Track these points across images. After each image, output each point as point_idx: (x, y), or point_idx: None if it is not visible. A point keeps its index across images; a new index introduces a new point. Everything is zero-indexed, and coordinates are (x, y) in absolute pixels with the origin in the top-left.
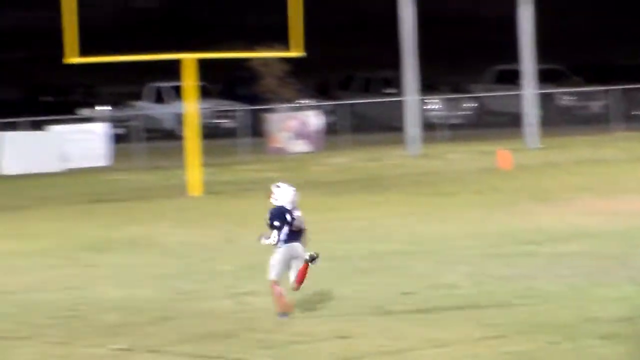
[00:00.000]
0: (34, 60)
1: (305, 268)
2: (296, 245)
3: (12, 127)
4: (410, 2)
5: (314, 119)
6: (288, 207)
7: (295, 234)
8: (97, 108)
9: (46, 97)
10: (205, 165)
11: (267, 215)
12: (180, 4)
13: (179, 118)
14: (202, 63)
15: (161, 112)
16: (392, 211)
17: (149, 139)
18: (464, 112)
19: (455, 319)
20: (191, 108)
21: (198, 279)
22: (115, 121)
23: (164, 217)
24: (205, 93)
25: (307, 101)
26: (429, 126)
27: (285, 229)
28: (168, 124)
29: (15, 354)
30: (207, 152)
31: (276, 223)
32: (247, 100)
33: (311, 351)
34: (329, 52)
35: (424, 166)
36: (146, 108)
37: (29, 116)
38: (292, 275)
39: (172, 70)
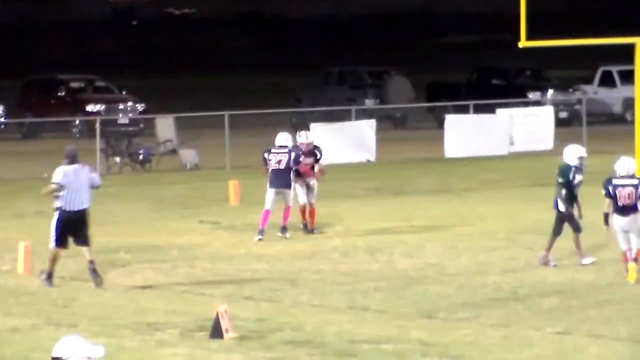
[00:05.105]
0: (485, 44)
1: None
2: None
3: (461, 109)
4: None
5: None
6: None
7: None
8: (548, 92)
9: (495, 81)
10: None
11: None
12: None
13: (627, 102)
14: None
15: (609, 95)
16: None
17: (593, 123)
18: None
19: None
20: None
21: None
22: (562, 105)
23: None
24: None
25: None
26: None
27: None
28: (616, 108)
29: (454, 334)
30: None
31: None
32: None
33: None
34: None
35: None
36: (594, 92)
37: (476, 99)
38: None
39: (623, 53)
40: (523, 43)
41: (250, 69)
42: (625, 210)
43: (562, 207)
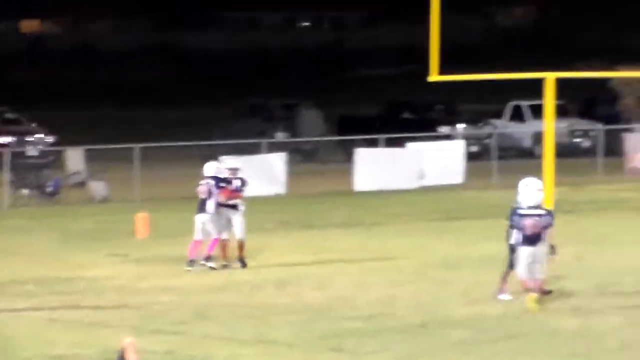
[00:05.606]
0: (398, 78)
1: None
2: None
3: (371, 143)
4: None
5: None
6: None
7: None
8: (458, 126)
9: (406, 114)
10: (560, 184)
11: None
12: (546, 23)
13: (537, 137)
14: (562, 81)
15: (519, 130)
16: None
17: (504, 157)
18: None
19: None
20: (549, 127)
21: (547, 297)
22: (473, 139)
23: None
24: (564, 112)
25: None
26: None
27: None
28: (526, 143)
29: None
30: (562, 171)
31: None
32: (606, 119)
33: None
34: None
35: None
36: (504, 126)
37: (387, 133)
38: None
39: (532, 88)
40: (433, 77)
41: (164, 101)
42: (531, 240)
43: (513, 240)
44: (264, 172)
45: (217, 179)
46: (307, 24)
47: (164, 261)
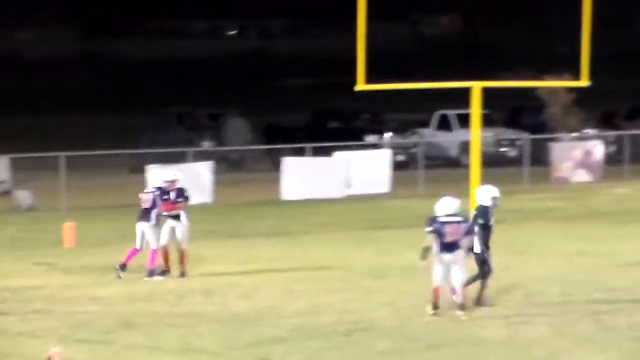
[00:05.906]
0: (322, 87)
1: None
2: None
3: (298, 152)
4: None
5: (597, 149)
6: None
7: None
8: (385, 135)
9: (333, 124)
10: None
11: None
12: (472, 32)
13: (463, 146)
14: (488, 91)
15: (445, 139)
16: None
17: (430, 166)
18: None
19: None
20: (476, 136)
21: (474, 307)
22: (399, 148)
23: None
24: (490, 121)
25: (591, 131)
26: None
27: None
28: (452, 152)
29: None
30: (488, 180)
31: None
32: (532, 129)
33: None
34: (618, 81)
35: None
36: (431, 135)
37: (314, 142)
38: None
39: (459, 97)
40: (359, 86)
41: (91, 109)
42: (450, 246)
43: (478, 249)
44: (191, 181)
45: (162, 190)
46: (233, 32)
47: (91, 270)
